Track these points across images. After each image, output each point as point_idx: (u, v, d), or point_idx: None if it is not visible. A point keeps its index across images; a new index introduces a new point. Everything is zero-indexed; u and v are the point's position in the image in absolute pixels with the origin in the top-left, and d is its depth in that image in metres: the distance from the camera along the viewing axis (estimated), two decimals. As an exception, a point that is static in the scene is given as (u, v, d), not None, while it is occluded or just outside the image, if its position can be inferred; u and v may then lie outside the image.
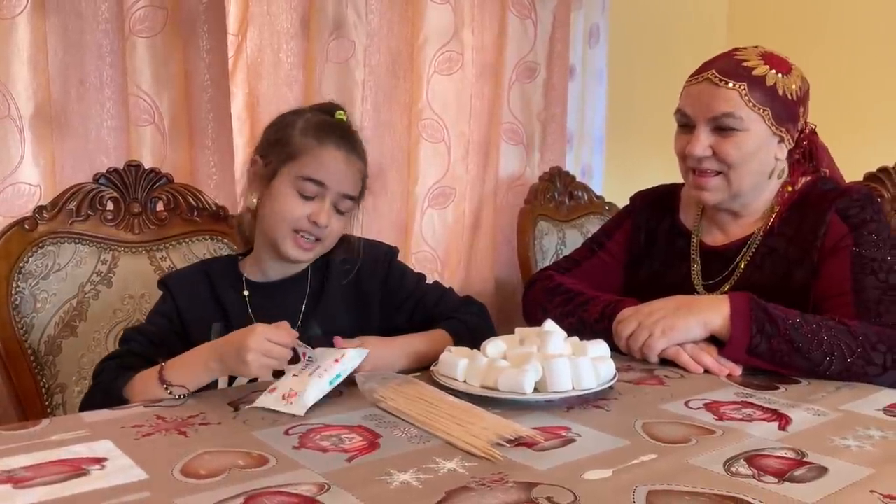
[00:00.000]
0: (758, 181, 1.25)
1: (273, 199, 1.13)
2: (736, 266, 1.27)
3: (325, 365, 0.96)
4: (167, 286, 1.18)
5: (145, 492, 0.68)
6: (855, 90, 2.45)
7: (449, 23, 1.86)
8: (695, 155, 1.22)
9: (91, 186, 1.37)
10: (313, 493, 0.67)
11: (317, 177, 1.11)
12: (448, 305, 1.26)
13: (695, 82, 1.24)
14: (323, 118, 1.15)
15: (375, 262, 1.25)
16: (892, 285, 1.14)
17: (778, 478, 0.71)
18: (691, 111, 1.23)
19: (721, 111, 1.19)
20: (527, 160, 2.08)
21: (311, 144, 1.11)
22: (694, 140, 1.22)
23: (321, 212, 1.11)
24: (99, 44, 1.54)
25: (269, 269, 1.20)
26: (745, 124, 1.19)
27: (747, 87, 1.19)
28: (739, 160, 1.21)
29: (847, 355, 1.05)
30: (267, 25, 1.68)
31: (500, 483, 0.70)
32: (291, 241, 1.12)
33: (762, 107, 1.19)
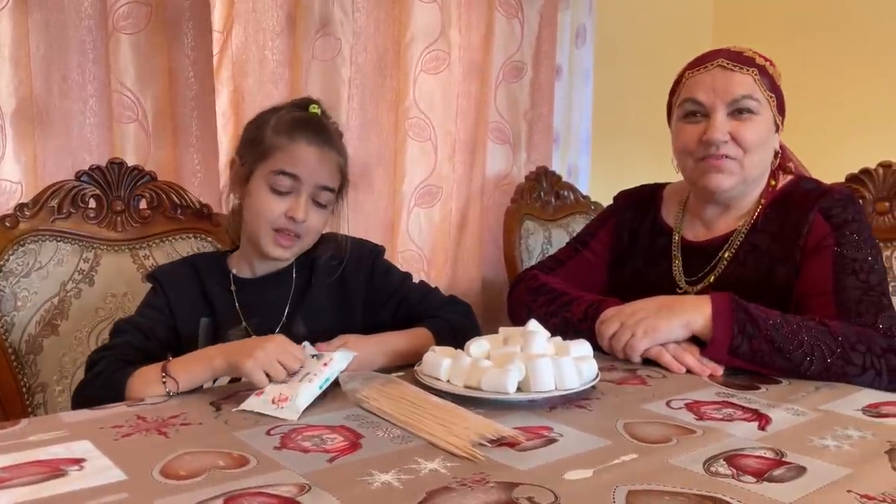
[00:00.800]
0: (763, 171, 1.28)
1: (251, 199, 1.14)
2: (718, 261, 1.28)
3: (315, 369, 0.96)
4: (157, 279, 1.19)
5: (124, 493, 0.67)
6: (838, 90, 2.47)
7: (436, 22, 1.86)
8: (716, 140, 1.21)
9: (73, 184, 1.36)
10: (293, 494, 0.67)
11: (289, 170, 1.11)
12: (432, 304, 1.26)
13: (703, 70, 1.24)
14: (296, 114, 1.15)
15: (360, 259, 1.25)
16: (872, 285, 1.15)
17: (757, 478, 0.72)
18: (706, 98, 1.23)
19: (741, 93, 1.21)
20: (513, 160, 2.08)
21: (282, 142, 1.12)
22: (712, 126, 1.21)
23: (297, 207, 1.11)
24: (82, 40, 1.52)
25: (255, 266, 1.21)
26: (760, 108, 1.22)
27: (758, 73, 1.22)
28: (756, 144, 1.22)
29: (827, 355, 1.06)
30: (252, 22, 1.67)
31: (481, 483, 0.70)
32: (271, 240, 1.13)
33: (771, 93, 1.23)
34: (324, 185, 1.14)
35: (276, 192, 1.12)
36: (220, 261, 1.23)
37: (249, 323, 1.17)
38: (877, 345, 1.08)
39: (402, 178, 1.87)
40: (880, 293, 1.15)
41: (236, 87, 1.68)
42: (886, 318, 1.12)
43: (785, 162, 1.32)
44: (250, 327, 1.17)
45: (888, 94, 2.38)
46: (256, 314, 1.18)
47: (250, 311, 1.17)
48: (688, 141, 1.25)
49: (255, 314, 1.17)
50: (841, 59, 2.46)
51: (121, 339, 1.10)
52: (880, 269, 1.18)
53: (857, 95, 2.44)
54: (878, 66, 2.39)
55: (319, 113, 1.17)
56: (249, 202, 1.15)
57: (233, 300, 1.18)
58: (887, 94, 2.38)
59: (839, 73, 2.47)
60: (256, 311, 1.18)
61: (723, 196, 1.28)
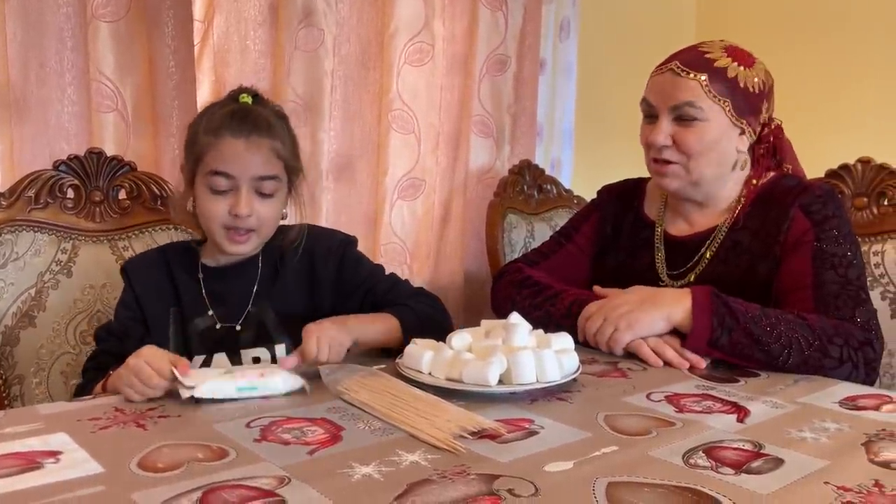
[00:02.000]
0: (719, 172, 1.27)
1: (197, 202, 1.14)
2: (701, 257, 1.29)
3: (248, 374, 0.95)
4: (126, 273, 1.20)
5: (100, 485, 0.66)
6: (820, 86, 2.49)
7: (419, 13, 1.85)
8: (656, 143, 1.25)
9: (51, 174, 1.34)
10: (273, 487, 0.67)
11: (221, 169, 1.09)
12: (399, 294, 1.24)
13: (658, 73, 1.27)
14: (225, 109, 1.13)
15: (329, 249, 1.24)
16: (850, 280, 1.16)
17: (735, 469, 0.72)
18: (654, 100, 1.26)
19: (682, 100, 1.22)
20: (496, 153, 2.08)
21: (209, 141, 1.10)
22: (656, 129, 1.25)
23: (238, 203, 1.09)
24: (60, 27, 1.50)
25: (220, 256, 1.20)
26: (706, 114, 1.22)
27: (708, 78, 1.22)
28: (699, 150, 1.23)
29: (804, 348, 1.07)
30: (234, 12, 1.65)
31: (462, 475, 0.70)
32: (226, 238, 1.13)
33: (722, 98, 1.22)
34: (260, 175, 1.11)
35: (216, 192, 1.10)
36: (191, 249, 1.23)
37: (215, 311, 1.17)
38: (854, 338, 1.10)
39: (385, 170, 1.86)
40: (858, 287, 1.16)
41: (218, 78, 1.66)
42: (864, 312, 1.14)
43: (782, 163, 1.32)
44: (216, 315, 1.17)
45: (868, 91, 2.40)
46: (222, 302, 1.17)
47: (216, 300, 1.17)
48: (643, 139, 1.30)
49: (220, 301, 1.17)
50: (822, 54, 2.48)
51: (99, 347, 1.16)
52: (859, 264, 1.19)
53: (837, 91, 2.47)
54: (859, 64, 2.41)
55: (250, 102, 1.15)
56: (197, 204, 1.14)
57: (200, 289, 1.18)
58: (867, 91, 2.40)
59: (820, 68, 2.49)
60: (222, 299, 1.18)
61: (682, 196, 1.30)
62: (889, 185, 1.42)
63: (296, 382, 0.96)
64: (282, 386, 0.94)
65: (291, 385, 0.95)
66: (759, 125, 1.28)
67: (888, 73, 2.35)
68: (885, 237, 1.42)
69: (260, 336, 1.17)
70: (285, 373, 0.96)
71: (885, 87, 2.35)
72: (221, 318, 1.16)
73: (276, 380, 0.94)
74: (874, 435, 0.82)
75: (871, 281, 1.41)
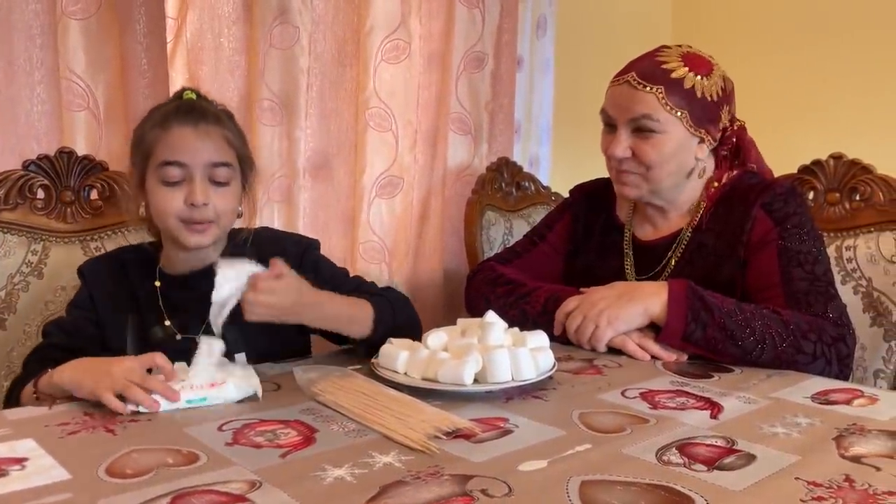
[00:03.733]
0: (677, 181, 1.28)
1: (151, 202, 1.11)
2: (667, 261, 1.30)
3: (199, 382, 0.91)
4: (83, 275, 1.18)
5: (67, 493, 0.65)
6: (791, 83, 2.52)
7: (396, 11, 1.84)
8: (616, 156, 1.25)
9: (20, 174, 1.32)
10: (244, 491, 0.66)
11: (172, 158, 1.07)
12: (366, 291, 1.21)
13: (616, 84, 1.26)
14: (170, 105, 1.12)
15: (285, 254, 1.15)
16: (817, 276, 1.17)
17: (708, 466, 0.73)
18: (612, 112, 1.26)
19: (639, 113, 1.22)
20: (474, 150, 2.07)
21: (158, 134, 1.09)
22: (615, 141, 1.25)
23: (193, 191, 1.07)
24: (28, 24, 1.47)
25: (177, 262, 1.17)
26: (663, 126, 1.22)
27: (664, 91, 1.21)
28: (657, 162, 1.24)
29: (778, 343, 1.08)
30: (207, 9, 1.63)
31: (435, 476, 0.69)
32: (185, 231, 1.09)
33: (679, 109, 1.22)
34: (214, 161, 1.09)
35: (169, 184, 1.08)
36: (149, 254, 1.19)
37: (173, 321, 1.14)
38: (827, 334, 1.11)
39: (362, 168, 1.85)
40: (826, 283, 1.17)
41: (191, 76, 1.64)
42: (835, 308, 1.15)
43: (747, 161, 1.33)
44: (174, 325, 1.13)
45: (841, 88, 2.42)
46: (181, 310, 1.14)
47: (174, 309, 1.14)
48: (603, 149, 1.31)
49: (179, 310, 1.14)
50: (796, 51, 2.51)
51: (46, 341, 1.12)
52: (824, 260, 1.21)
53: (810, 88, 2.49)
54: (832, 61, 2.44)
55: (195, 97, 1.14)
56: (151, 204, 1.11)
57: (157, 296, 1.15)
58: (840, 88, 2.43)
59: (792, 66, 2.51)
60: (180, 309, 1.14)
61: (643, 202, 1.31)
62: (861, 181, 1.44)
63: (248, 390, 0.92)
64: (235, 394, 0.91)
65: (244, 392, 0.92)
66: (718, 131, 1.28)
67: (860, 69, 2.37)
68: (857, 232, 1.44)
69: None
70: (238, 380, 0.93)
71: (857, 84, 2.38)
72: (180, 328, 1.13)
73: (229, 388, 0.91)
74: (845, 429, 0.83)
75: (844, 276, 1.42)
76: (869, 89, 2.35)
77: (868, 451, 0.77)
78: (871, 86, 2.34)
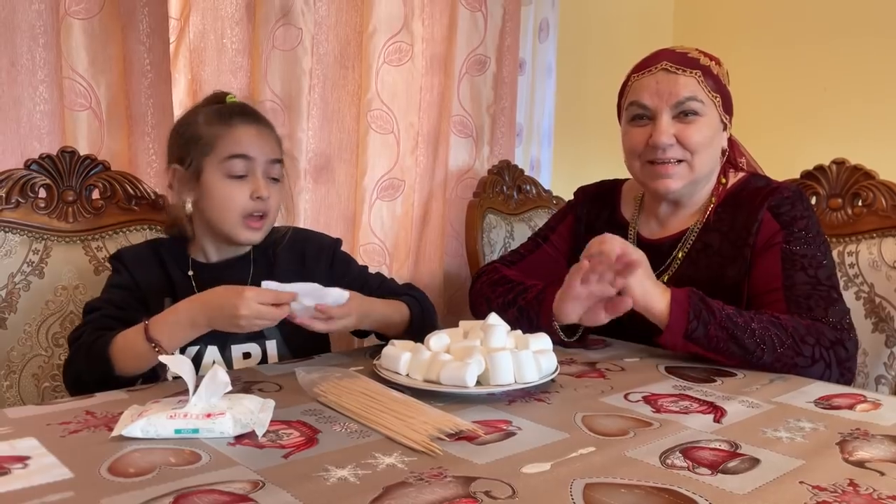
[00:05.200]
0: (711, 168, 1.29)
1: (209, 195, 1.15)
2: (673, 259, 1.30)
3: (195, 412, 0.81)
4: (121, 260, 1.21)
5: (69, 491, 0.65)
6: (793, 89, 2.52)
7: (399, 13, 1.84)
8: (661, 143, 1.22)
9: (22, 173, 1.31)
10: (247, 491, 0.66)
11: (240, 151, 1.14)
12: (391, 287, 1.31)
13: (648, 73, 1.25)
14: (220, 105, 1.19)
15: (321, 248, 1.30)
16: (820, 280, 1.17)
17: (712, 470, 0.72)
18: (650, 101, 1.24)
19: (685, 95, 1.22)
20: (476, 153, 2.07)
21: (220, 130, 1.15)
22: (658, 129, 1.23)
23: (259, 185, 1.15)
24: (32, 24, 1.47)
25: (212, 253, 1.23)
26: (705, 109, 1.23)
27: (702, 75, 1.23)
28: (702, 146, 1.24)
29: (777, 346, 1.08)
30: (210, 10, 1.63)
31: (438, 478, 0.69)
32: (243, 226, 1.16)
33: (715, 94, 1.24)
34: (273, 158, 1.17)
35: (234, 177, 1.14)
36: (180, 245, 1.24)
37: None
38: (825, 337, 1.10)
39: (364, 170, 1.85)
40: (829, 287, 1.17)
41: (194, 76, 1.64)
42: (836, 312, 1.15)
43: (736, 158, 1.34)
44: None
45: (844, 92, 2.43)
46: None
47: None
48: (635, 144, 1.27)
49: None
50: (798, 56, 2.51)
51: (95, 314, 1.12)
52: (829, 264, 1.21)
53: (811, 93, 2.49)
54: (833, 65, 2.44)
55: (237, 100, 1.22)
56: (208, 199, 1.16)
57: (191, 284, 1.19)
58: (843, 92, 2.43)
59: (794, 71, 2.52)
60: None
61: (670, 197, 1.30)
62: (863, 187, 1.44)
63: (247, 425, 0.81)
64: (231, 429, 0.79)
65: (243, 428, 0.80)
66: (731, 123, 1.30)
67: (863, 73, 2.38)
68: (860, 238, 1.44)
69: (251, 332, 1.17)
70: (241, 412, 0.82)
71: (859, 88, 2.38)
72: None
73: (226, 421, 0.80)
74: (848, 434, 0.83)
75: (846, 281, 1.42)
76: (872, 93, 2.35)
77: (872, 455, 0.76)
78: (873, 90, 2.35)
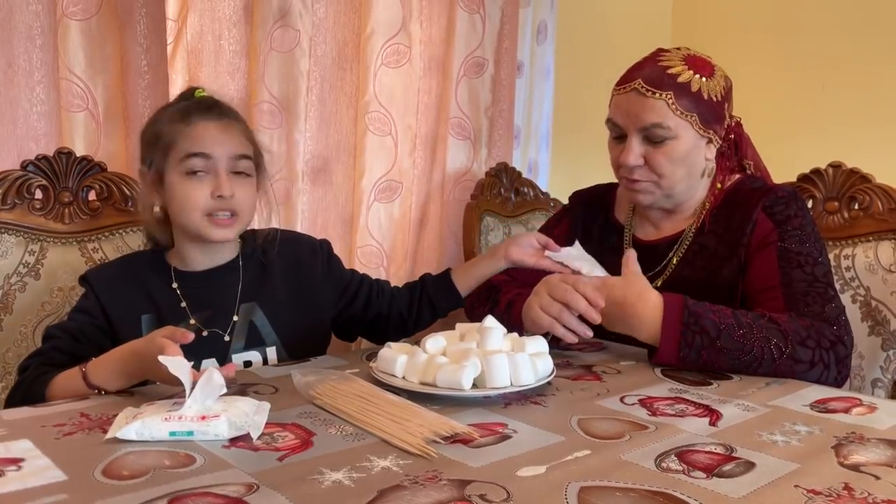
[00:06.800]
0: (690, 183, 1.28)
1: (172, 195, 1.12)
2: (668, 262, 1.30)
3: (191, 414, 0.80)
4: (88, 282, 1.16)
5: (63, 494, 0.65)
6: (790, 92, 2.52)
7: (396, 15, 1.84)
8: (628, 164, 1.24)
9: (18, 174, 1.31)
10: (241, 494, 0.65)
11: (197, 150, 1.10)
12: (382, 286, 1.35)
13: (622, 91, 1.25)
14: (185, 102, 1.16)
15: (314, 249, 1.30)
16: (817, 277, 1.17)
17: (707, 473, 0.72)
18: (621, 121, 1.25)
19: (650, 122, 1.21)
20: (474, 155, 2.07)
21: (179, 128, 1.11)
22: (626, 150, 1.24)
23: (220, 183, 1.10)
24: (29, 25, 1.47)
25: (194, 260, 1.19)
26: (674, 132, 1.21)
27: (674, 96, 1.20)
28: (669, 169, 1.24)
29: (776, 356, 1.07)
30: (208, 11, 1.63)
31: (433, 481, 0.69)
32: (210, 225, 1.12)
33: (689, 113, 1.21)
34: (237, 153, 1.12)
35: (193, 175, 1.10)
36: (158, 256, 1.21)
37: (198, 317, 1.15)
38: (825, 338, 1.10)
39: (361, 172, 1.85)
40: (826, 284, 1.17)
41: (191, 77, 1.64)
42: (833, 309, 1.14)
43: (742, 160, 1.34)
44: (200, 321, 1.15)
45: (841, 94, 2.43)
46: (206, 306, 1.16)
47: (199, 305, 1.15)
48: (613, 158, 1.30)
49: (204, 306, 1.16)
50: (795, 57, 2.51)
51: (49, 344, 1.09)
52: (825, 262, 1.21)
53: (808, 96, 2.50)
54: (830, 68, 2.44)
55: (206, 95, 1.18)
56: (172, 199, 1.12)
57: (177, 295, 1.15)
58: (839, 95, 2.43)
59: (791, 75, 2.52)
60: (205, 304, 1.16)
61: (652, 206, 1.31)
62: (860, 190, 1.44)
63: (242, 427, 0.80)
64: (226, 431, 0.79)
65: (238, 430, 0.80)
66: (723, 130, 1.28)
67: (861, 76, 2.38)
68: (856, 241, 1.44)
69: (250, 339, 1.17)
70: (236, 415, 0.81)
71: (857, 91, 2.39)
72: (206, 323, 1.15)
73: (220, 424, 0.79)
74: (844, 438, 0.83)
75: (842, 284, 1.42)
76: (869, 96, 2.35)
77: (867, 459, 0.76)
78: (870, 93, 2.35)
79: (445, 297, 1.32)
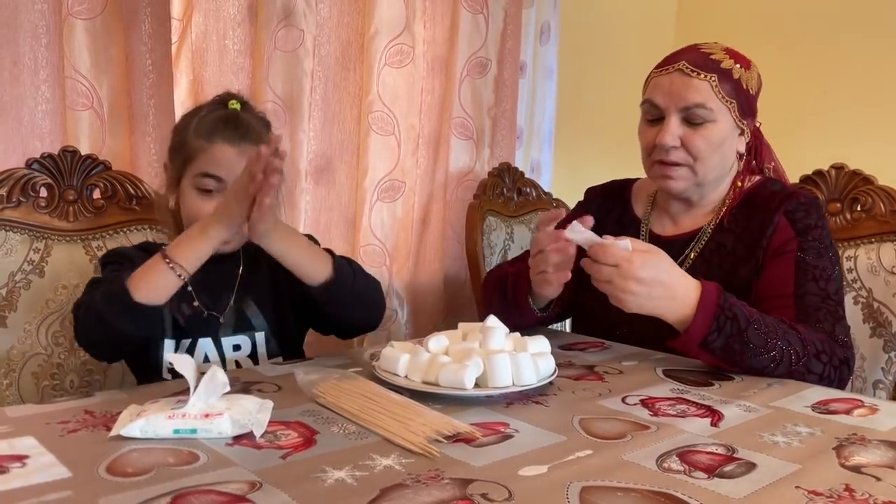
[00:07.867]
0: (720, 173, 1.28)
1: (183, 202, 1.19)
2: (685, 257, 1.29)
3: (194, 412, 0.81)
4: (114, 255, 1.21)
5: (67, 490, 0.65)
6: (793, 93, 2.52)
7: (400, 15, 1.85)
8: (665, 145, 1.23)
9: (23, 172, 1.32)
10: (244, 492, 0.66)
11: (212, 172, 1.15)
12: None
13: (664, 73, 1.25)
14: (215, 114, 1.18)
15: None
16: (829, 294, 1.17)
17: (708, 473, 0.73)
18: (662, 101, 1.24)
19: (693, 101, 1.21)
20: (476, 155, 2.08)
21: (202, 144, 1.16)
22: (664, 130, 1.23)
23: None
24: (34, 24, 1.47)
25: None
26: (715, 115, 1.22)
27: (717, 79, 1.21)
28: (707, 152, 1.23)
29: (794, 361, 1.07)
30: (212, 11, 1.64)
31: (435, 480, 0.69)
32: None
33: (730, 99, 1.22)
34: None
35: (204, 192, 1.16)
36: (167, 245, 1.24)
37: (200, 299, 1.21)
38: (836, 357, 1.11)
39: (364, 172, 1.86)
40: (836, 303, 1.17)
41: (196, 77, 1.65)
42: (842, 329, 1.15)
43: (763, 163, 1.33)
44: (202, 303, 1.21)
45: (846, 96, 2.43)
46: (206, 290, 1.21)
47: (200, 288, 1.20)
48: (646, 141, 1.28)
49: (205, 290, 1.20)
50: (801, 58, 2.51)
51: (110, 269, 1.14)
52: (838, 279, 1.21)
53: (811, 97, 2.49)
54: (833, 69, 2.44)
55: (239, 108, 1.20)
56: (182, 205, 1.19)
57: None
58: (842, 96, 2.43)
59: (798, 72, 2.52)
60: (206, 287, 1.20)
61: (678, 196, 1.30)
62: (862, 192, 1.44)
63: (245, 426, 0.81)
64: (229, 429, 0.80)
65: (241, 428, 0.80)
66: (752, 126, 1.29)
67: (863, 77, 2.38)
68: (858, 242, 1.44)
69: (240, 324, 1.23)
70: (239, 413, 0.82)
71: (860, 93, 2.39)
72: (206, 306, 1.21)
73: (224, 422, 0.80)
74: (845, 439, 0.83)
75: (845, 286, 1.42)
76: (872, 98, 2.35)
77: (868, 460, 0.77)
78: (873, 95, 2.35)
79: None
